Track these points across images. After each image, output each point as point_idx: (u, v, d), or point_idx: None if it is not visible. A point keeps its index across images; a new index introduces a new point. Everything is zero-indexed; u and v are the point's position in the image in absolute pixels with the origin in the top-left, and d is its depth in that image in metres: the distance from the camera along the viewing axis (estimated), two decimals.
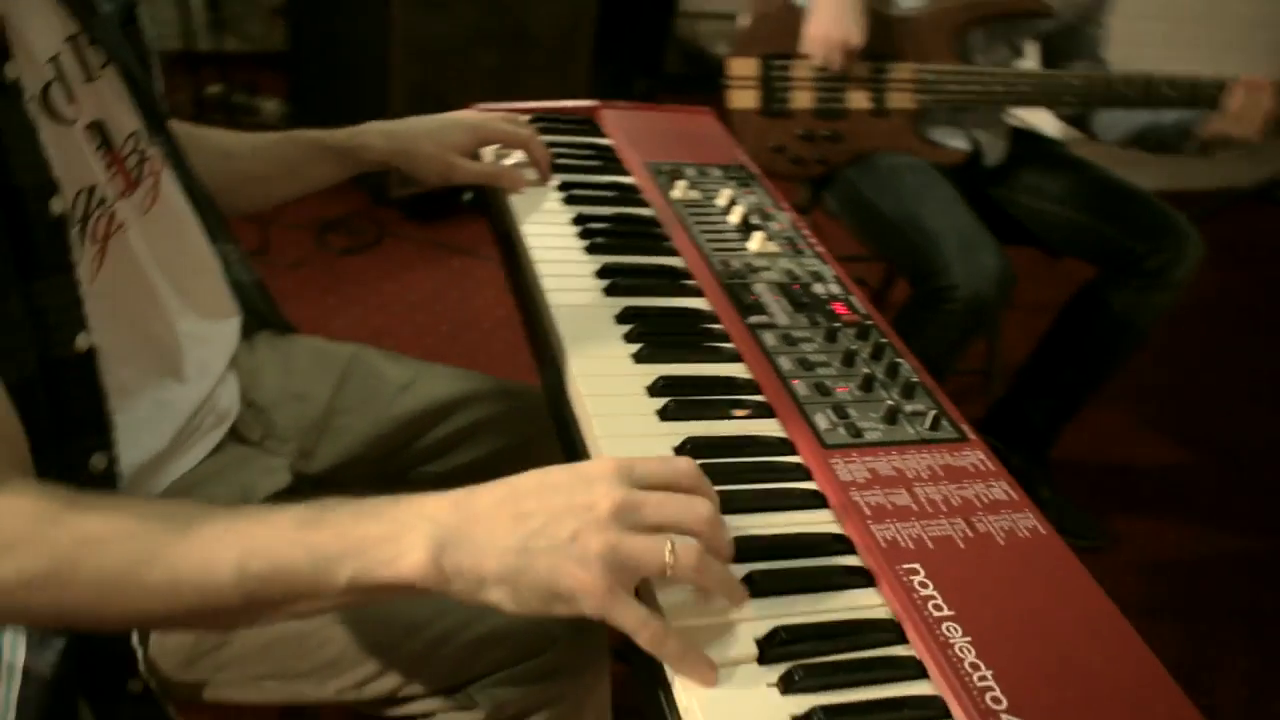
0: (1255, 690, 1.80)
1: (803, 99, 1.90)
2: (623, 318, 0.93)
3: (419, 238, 2.80)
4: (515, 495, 0.63)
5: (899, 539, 0.72)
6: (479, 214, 1.23)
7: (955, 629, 0.65)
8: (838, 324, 0.93)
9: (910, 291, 1.83)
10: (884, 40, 1.86)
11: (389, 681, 0.87)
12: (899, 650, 0.65)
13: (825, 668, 0.62)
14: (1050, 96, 1.86)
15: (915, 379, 0.88)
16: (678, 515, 0.63)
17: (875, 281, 2.69)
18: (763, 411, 0.85)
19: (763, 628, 0.64)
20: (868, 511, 0.74)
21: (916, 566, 0.69)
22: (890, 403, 0.84)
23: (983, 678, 0.62)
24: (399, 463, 1.11)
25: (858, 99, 1.90)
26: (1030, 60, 2.04)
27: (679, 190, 1.14)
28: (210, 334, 1.00)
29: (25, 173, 0.71)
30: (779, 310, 0.96)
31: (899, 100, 1.90)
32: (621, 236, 1.06)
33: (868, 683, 0.62)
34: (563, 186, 1.15)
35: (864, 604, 0.68)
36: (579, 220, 1.08)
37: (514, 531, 0.60)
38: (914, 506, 0.75)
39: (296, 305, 2.58)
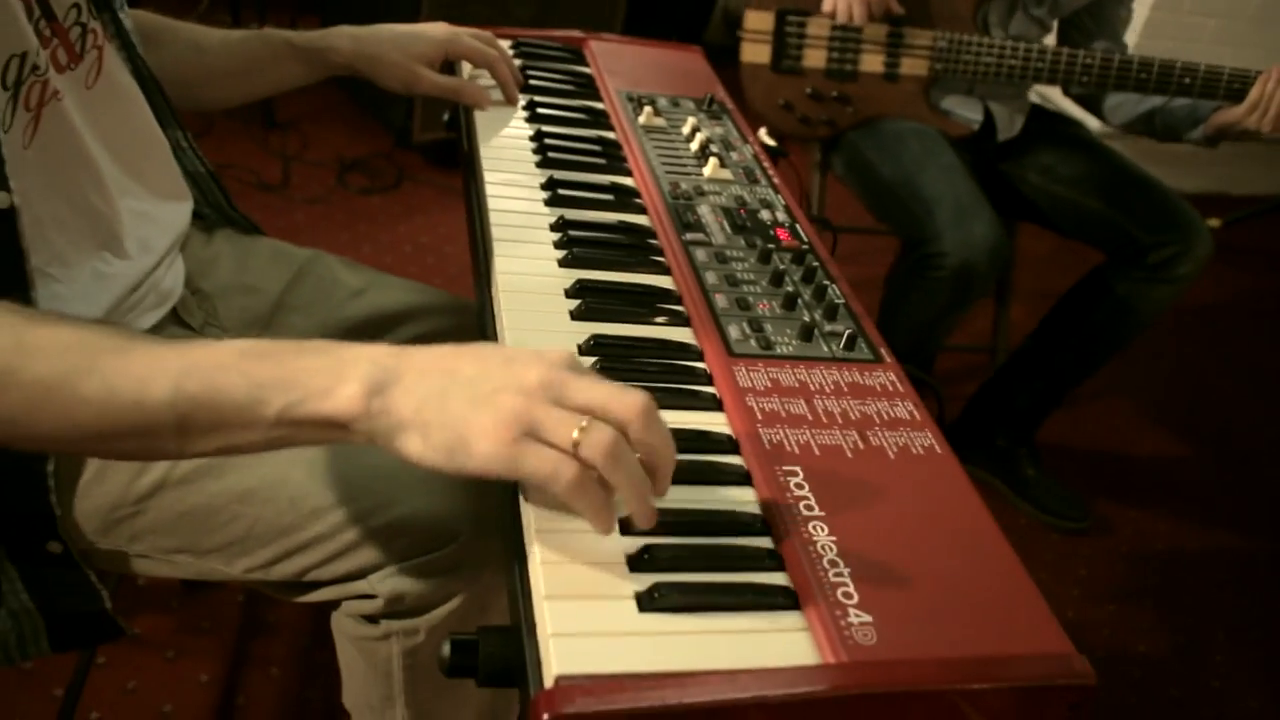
0: (1230, 684, 1.77)
1: (814, 57, 1.88)
2: (556, 226, 0.93)
3: (438, 183, 2.82)
4: (456, 353, 0.63)
5: (785, 443, 0.71)
6: (454, 135, 1.23)
7: (821, 528, 0.65)
8: (773, 246, 0.93)
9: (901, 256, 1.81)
10: (904, 5, 1.83)
11: (295, 564, 0.88)
12: (758, 542, 0.65)
13: (678, 550, 0.62)
14: (1066, 75, 1.82)
15: (841, 302, 0.87)
16: (604, 401, 0.61)
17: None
18: (678, 320, 0.85)
19: (622, 510, 0.64)
20: (759, 416, 0.73)
21: (796, 469, 0.69)
22: (807, 320, 0.83)
23: (839, 574, 0.62)
24: None
25: (870, 62, 1.88)
26: (1050, 38, 2.00)
27: (644, 116, 1.14)
28: (157, 213, 1.00)
29: None
30: (717, 230, 0.95)
31: (912, 66, 1.88)
32: (575, 154, 1.06)
33: (719, 569, 0.62)
34: (528, 105, 1.15)
35: (734, 499, 0.68)
36: (536, 137, 1.08)
37: (440, 380, 0.61)
38: (809, 416, 0.74)
39: (309, 238, 2.64)
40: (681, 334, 0.83)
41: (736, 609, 0.60)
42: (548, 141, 1.06)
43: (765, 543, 0.65)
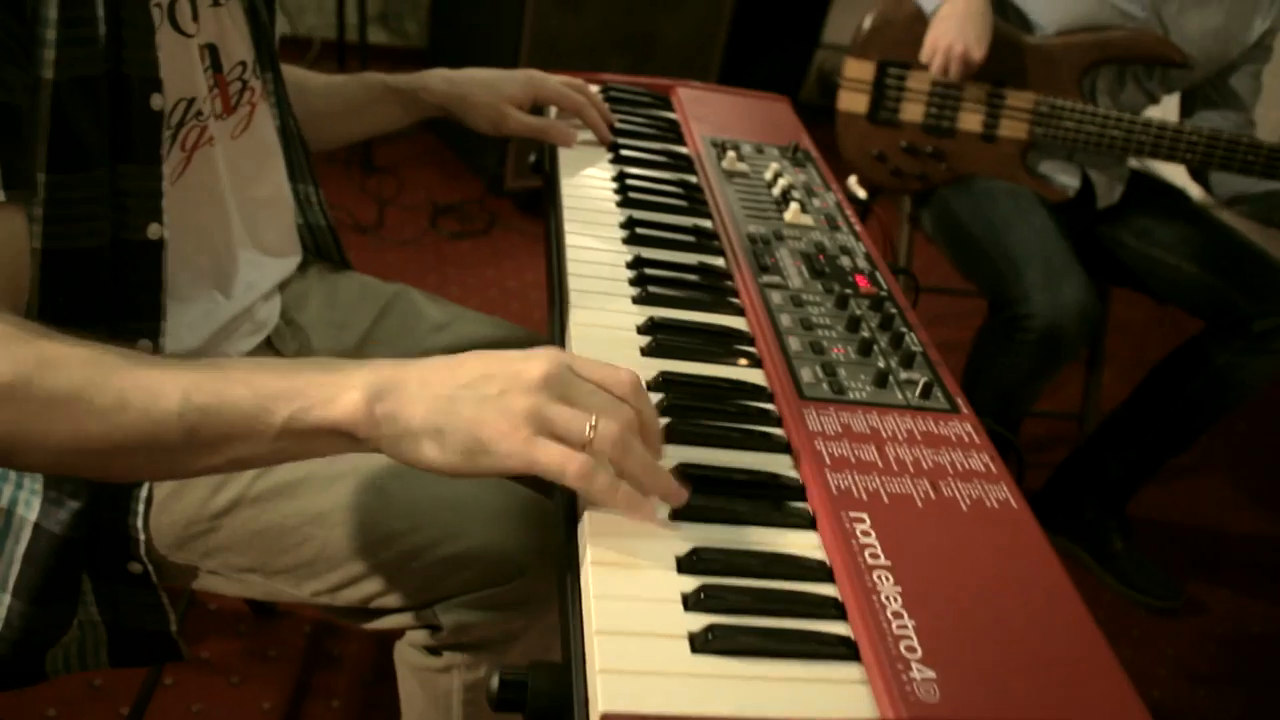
0: None
1: (913, 111, 1.87)
2: (632, 264, 0.93)
3: (527, 231, 2.86)
4: (456, 359, 0.65)
5: (853, 489, 0.69)
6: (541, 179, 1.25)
7: (886, 578, 0.62)
8: (850, 292, 0.91)
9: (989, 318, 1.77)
10: (1007, 65, 1.80)
11: (361, 589, 0.89)
12: (820, 588, 0.63)
13: (736, 592, 0.61)
14: (1170, 151, 1.77)
15: (919, 350, 0.85)
16: (603, 405, 0.64)
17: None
18: (750, 360, 0.84)
19: (684, 546, 0.63)
20: (828, 460, 0.71)
21: (863, 515, 0.67)
22: (882, 366, 0.81)
23: (902, 627, 0.59)
24: None
25: (969, 120, 1.86)
26: (1165, 107, 1.94)
27: (728, 161, 1.14)
28: (266, 264, 1.05)
29: (135, 65, 0.78)
30: (795, 274, 0.94)
31: (1011, 128, 1.85)
32: (656, 194, 1.06)
33: (777, 614, 0.60)
34: (612, 148, 1.16)
35: (798, 543, 0.66)
36: (618, 177, 1.09)
37: (445, 384, 0.63)
38: (879, 463, 0.72)
39: (398, 278, 2.69)
40: (753, 375, 0.82)
41: (793, 656, 0.58)
42: (629, 182, 1.07)
43: (828, 590, 0.63)
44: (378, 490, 0.88)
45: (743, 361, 0.83)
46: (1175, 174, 2.10)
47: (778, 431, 0.76)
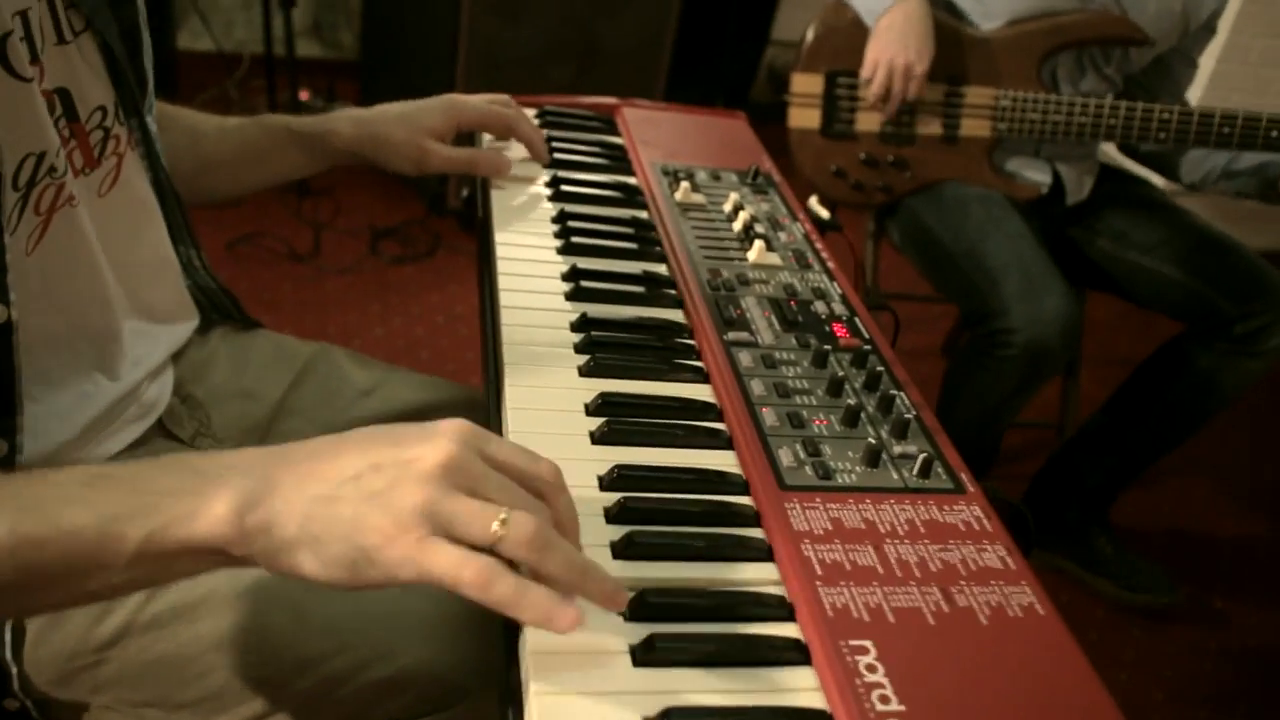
0: None
1: (868, 121, 1.77)
2: (578, 325, 0.81)
3: (474, 251, 2.72)
4: (339, 444, 0.55)
5: (852, 607, 0.58)
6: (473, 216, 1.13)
7: None
8: (829, 347, 0.80)
9: (967, 335, 1.67)
10: (959, 62, 1.71)
11: None
12: None
13: None
14: (1142, 131, 1.68)
15: (912, 415, 0.74)
16: (516, 498, 0.55)
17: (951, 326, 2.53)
18: (717, 442, 0.72)
19: (653, 705, 0.51)
20: (819, 570, 0.60)
21: (867, 644, 0.56)
22: (872, 441, 0.70)
23: None
24: None
25: (928, 124, 1.76)
26: None
27: (681, 193, 1.02)
28: (158, 333, 0.92)
29: None
30: (765, 328, 0.83)
31: (973, 128, 1.75)
32: (603, 238, 0.94)
33: None
34: (552, 183, 1.04)
35: (791, 685, 0.55)
36: (560, 218, 0.97)
37: (325, 479, 0.53)
38: (879, 568, 0.61)
39: (339, 311, 2.55)
40: (723, 460, 0.70)
41: None
42: (571, 225, 0.95)
43: None
44: (291, 606, 0.75)
45: (698, 443, 0.72)
46: (1138, 167, 2.02)
47: (755, 534, 0.64)
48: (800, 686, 0.55)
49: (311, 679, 0.75)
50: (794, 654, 0.56)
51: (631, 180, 1.07)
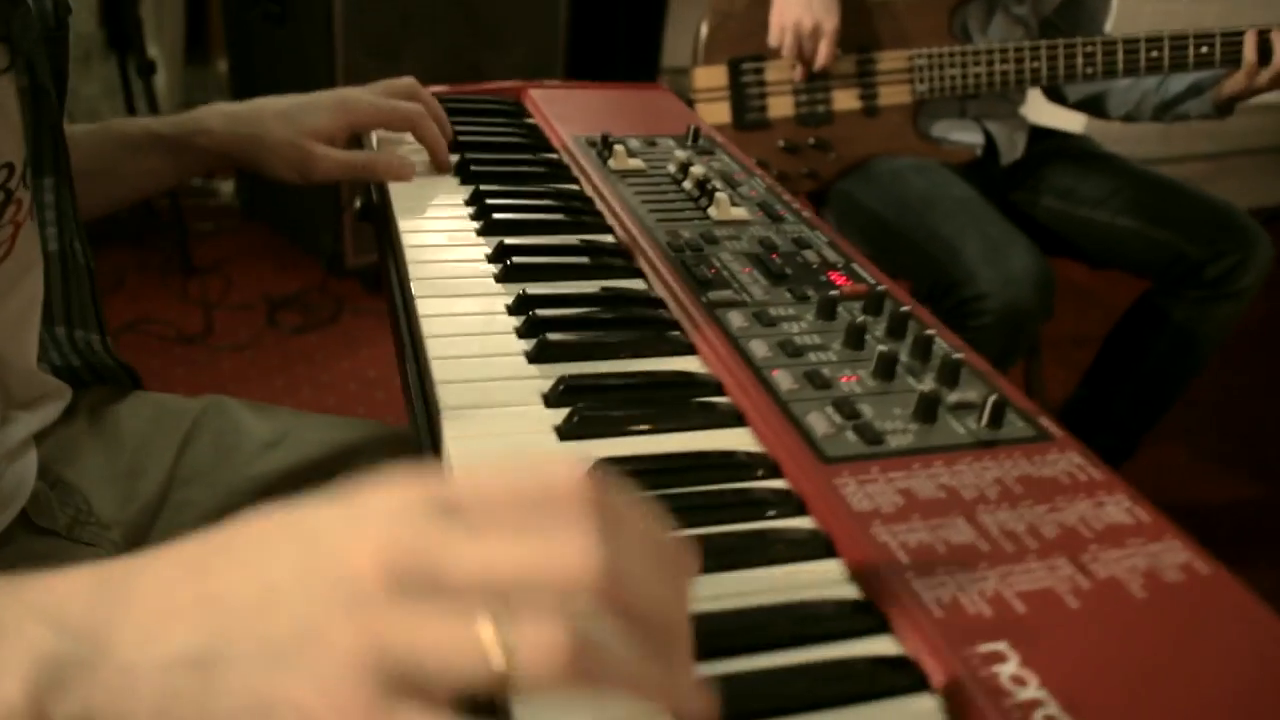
0: None
1: (781, 105, 1.64)
2: (517, 307, 0.64)
3: (381, 310, 2.51)
4: (209, 555, 0.33)
5: (964, 601, 0.41)
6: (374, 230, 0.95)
7: None
8: (836, 293, 0.64)
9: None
10: (866, 29, 1.59)
11: None
12: None
13: None
14: (1068, 69, 1.57)
15: (958, 357, 0.58)
16: (533, 565, 0.30)
17: None
18: (723, 419, 0.55)
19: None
20: (904, 558, 0.43)
21: (1001, 648, 0.39)
22: (925, 390, 0.54)
23: None
24: None
25: (845, 99, 1.63)
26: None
27: (617, 160, 0.86)
28: (24, 416, 0.73)
29: None
30: (749, 283, 0.67)
31: (892, 95, 1.63)
32: (531, 211, 0.78)
33: None
34: (460, 167, 0.87)
35: (915, 715, 0.37)
36: (474, 199, 0.80)
37: (193, 627, 0.31)
38: (982, 544, 0.44)
39: (241, 389, 2.31)
40: (735, 439, 0.53)
41: None
42: (490, 202, 0.78)
43: None
44: None
45: (697, 422, 0.54)
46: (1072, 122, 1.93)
47: (803, 524, 0.47)
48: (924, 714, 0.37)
49: None
50: (902, 677, 0.39)
51: (550, 155, 0.91)
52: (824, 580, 0.44)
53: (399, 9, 2.29)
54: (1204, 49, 1.52)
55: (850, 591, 0.43)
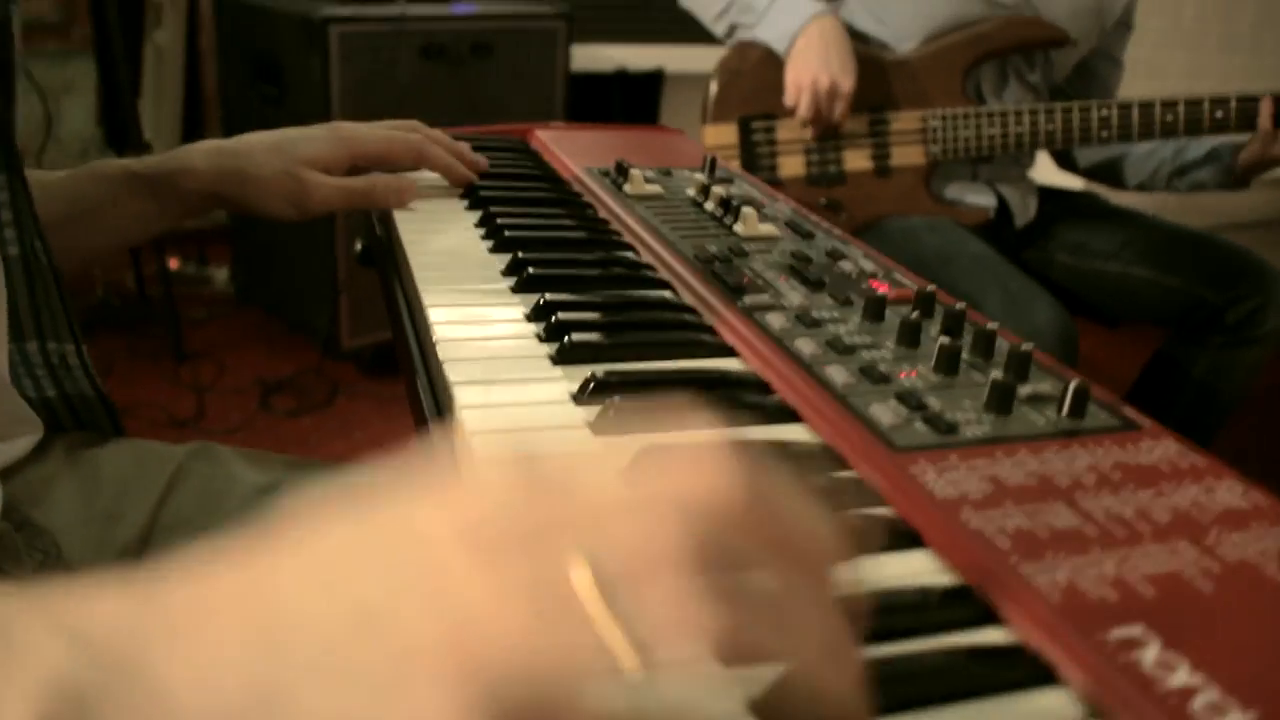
0: None
1: (793, 165, 1.62)
2: (537, 314, 0.59)
3: (376, 393, 2.47)
4: (278, 568, 0.27)
5: (1083, 586, 0.35)
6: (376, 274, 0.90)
7: None
8: (882, 296, 0.59)
9: None
10: (879, 89, 1.58)
11: None
12: None
13: None
14: (1083, 132, 1.56)
15: (1026, 350, 0.52)
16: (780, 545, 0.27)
17: None
18: (774, 415, 0.49)
19: None
20: (1003, 543, 0.37)
21: (1137, 633, 0.33)
22: (996, 379, 0.48)
23: None
24: None
25: (857, 158, 1.61)
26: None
27: (633, 185, 0.82)
28: None
29: None
30: (787, 290, 0.62)
31: (905, 155, 1.61)
32: (545, 230, 0.73)
33: None
34: (468, 192, 0.83)
35: (1036, 711, 0.31)
36: (484, 221, 0.75)
37: (257, 659, 0.25)
38: (1089, 529, 0.38)
39: None
40: (788, 433, 0.48)
41: None
42: (501, 222, 0.73)
43: None
44: None
45: (744, 418, 0.49)
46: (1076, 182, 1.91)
47: (882, 514, 0.41)
48: (1054, 710, 0.31)
49: None
50: (1021, 671, 0.33)
51: (564, 186, 0.87)
52: (916, 571, 0.38)
53: (396, 90, 2.29)
54: (1219, 113, 1.51)
55: (942, 577, 0.37)
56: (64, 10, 2.72)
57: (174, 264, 2.89)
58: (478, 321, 0.58)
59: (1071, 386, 0.48)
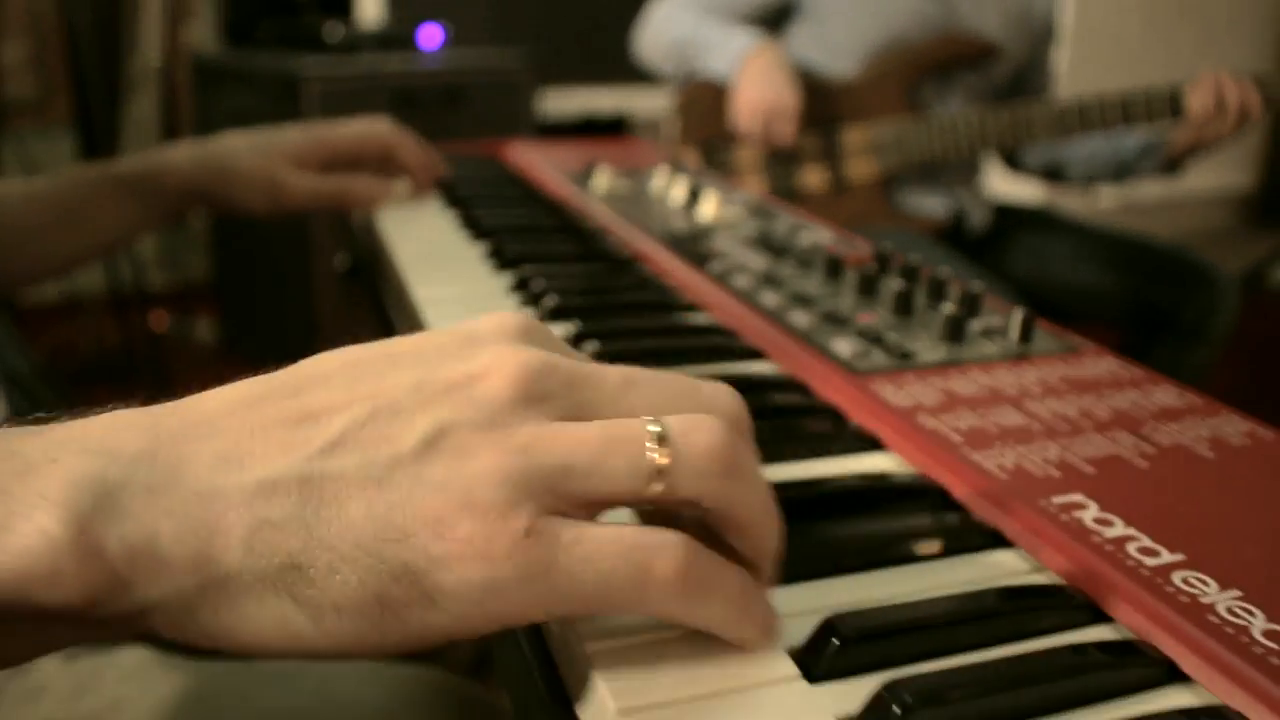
0: None
1: (752, 185, 1.66)
2: (518, 285, 0.61)
3: None
4: (298, 380, 0.29)
5: (1029, 466, 0.38)
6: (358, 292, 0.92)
7: (1201, 581, 0.31)
8: (839, 258, 0.62)
9: None
10: (828, 109, 1.63)
11: None
12: (1088, 634, 0.31)
13: (942, 686, 0.28)
14: (1026, 130, 1.61)
15: (978, 292, 0.56)
16: (661, 390, 0.30)
17: None
18: (740, 354, 0.52)
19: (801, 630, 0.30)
20: (957, 438, 0.40)
21: (1079, 498, 0.36)
22: (949, 313, 0.52)
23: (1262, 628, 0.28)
24: None
25: (813, 177, 1.66)
26: None
27: (599, 182, 0.85)
28: None
29: None
30: (752, 258, 0.65)
31: (859, 168, 1.66)
32: (519, 216, 0.76)
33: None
34: (443, 189, 0.86)
35: (997, 571, 0.34)
36: (468, 219, 0.78)
37: (289, 445, 0.27)
38: (1035, 425, 0.42)
39: None
40: (754, 368, 0.51)
41: None
42: (477, 212, 0.77)
43: (1104, 632, 0.31)
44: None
45: (714, 360, 0.52)
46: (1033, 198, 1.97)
47: (840, 427, 0.44)
48: (1014, 569, 0.34)
49: None
50: (977, 536, 0.36)
51: (535, 191, 0.90)
52: (878, 469, 0.41)
53: None
54: (1157, 104, 1.56)
55: (904, 468, 0.40)
56: (43, 88, 2.75)
57: (159, 319, 2.90)
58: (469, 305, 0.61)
59: (1019, 314, 0.51)
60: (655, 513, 0.30)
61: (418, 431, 0.26)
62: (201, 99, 2.58)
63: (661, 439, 0.27)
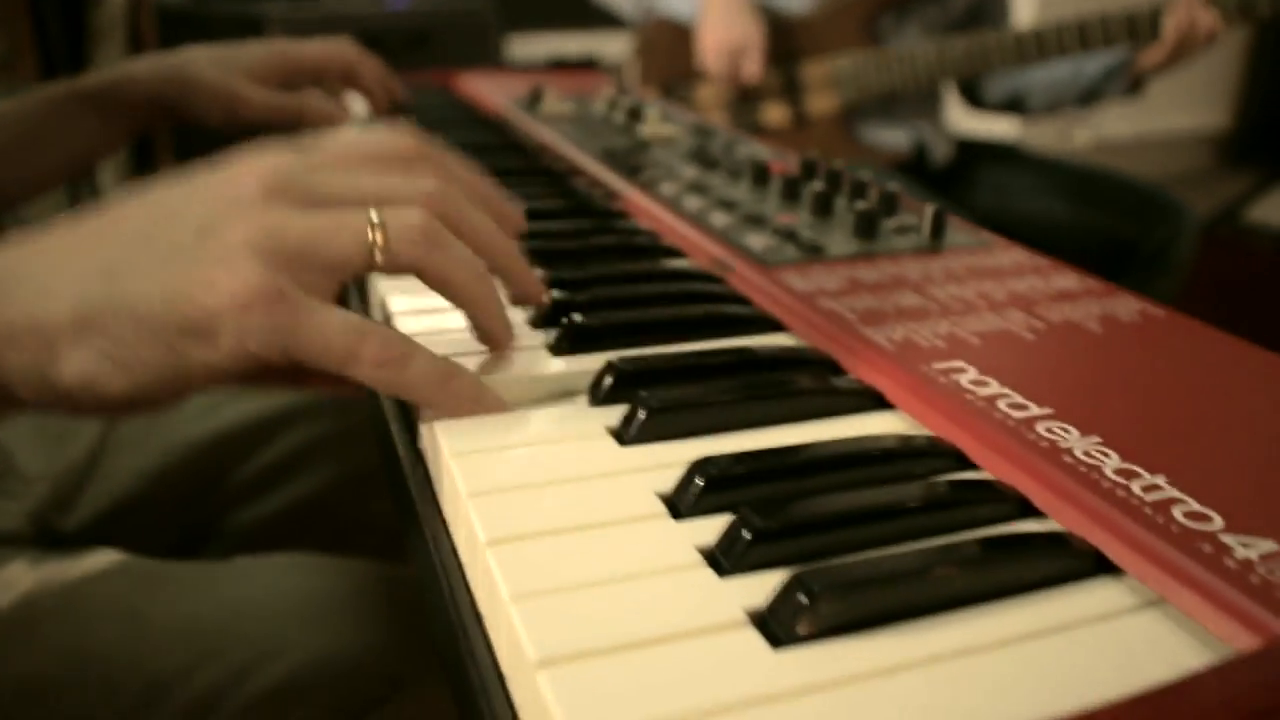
0: None
1: (715, 123, 1.66)
2: None
3: None
4: (115, 214, 0.37)
5: (917, 340, 0.39)
6: None
7: (1063, 429, 0.32)
8: (766, 164, 0.63)
9: None
10: (787, 44, 1.63)
11: None
12: (954, 475, 0.32)
13: (809, 525, 0.29)
14: (983, 59, 1.61)
15: (894, 189, 0.57)
16: (391, 182, 0.38)
17: None
18: (665, 253, 0.53)
19: (671, 479, 0.31)
20: (852, 317, 0.41)
21: (960, 364, 0.37)
22: (863, 209, 0.52)
23: (1149, 487, 0.29)
24: (202, 507, 0.77)
25: (774, 113, 1.66)
26: None
27: (547, 106, 0.86)
28: None
29: None
30: (683, 169, 0.66)
31: (820, 102, 1.66)
32: (462, 136, 0.77)
33: (899, 535, 0.29)
34: (399, 112, 0.86)
35: (878, 427, 0.35)
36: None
37: (100, 249, 0.35)
38: (931, 306, 0.43)
39: None
40: (670, 264, 0.52)
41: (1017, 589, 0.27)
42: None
43: (969, 474, 0.32)
44: (123, 614, 0.53)
45: (636, 257, 0.53)
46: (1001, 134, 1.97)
47: (743, 310, 0.45)
48: (894, 427, 0.35)
49: (172, 705, 0.51)
50: (863, 400, 0.37)
51: (481, 116, 0.91)
52: (777, 342, 0.42)
53: None
54: (1113, 28, 1.56)
55: (800, 343, 0.42)
56: (10, 48, 2.71)
57: None
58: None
59: (930, 210, 0.52)
60: None
61: (191, 226, 0.35)
62: (167, 46, 2.55)
63: (378, 224, 0.35)
